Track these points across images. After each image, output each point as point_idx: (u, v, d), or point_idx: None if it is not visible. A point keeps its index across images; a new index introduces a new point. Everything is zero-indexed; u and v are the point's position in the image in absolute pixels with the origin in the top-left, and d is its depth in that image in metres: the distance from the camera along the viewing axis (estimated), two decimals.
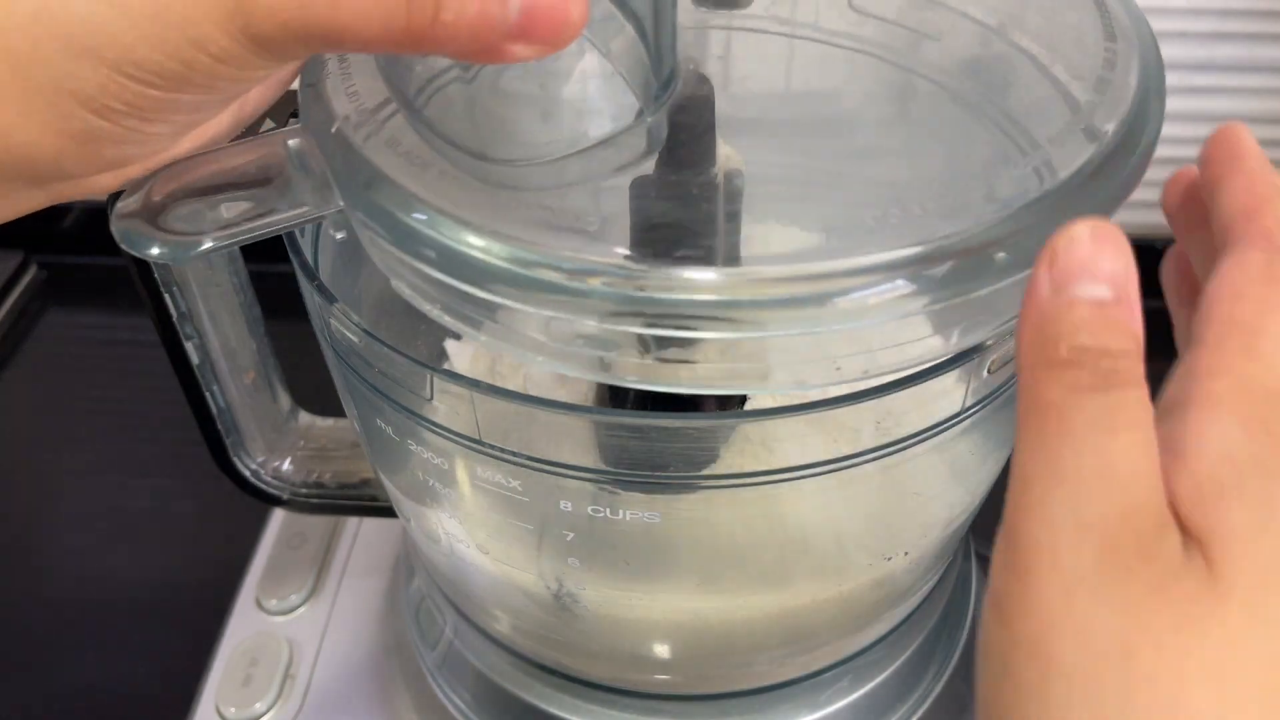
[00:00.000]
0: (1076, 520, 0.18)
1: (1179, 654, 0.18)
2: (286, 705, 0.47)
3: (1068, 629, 0.18)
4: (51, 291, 0.71)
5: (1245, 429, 0.19)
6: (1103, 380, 0.19)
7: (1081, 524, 0.18)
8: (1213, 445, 0.19)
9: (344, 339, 0.30)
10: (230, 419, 0.41)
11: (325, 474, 0.45)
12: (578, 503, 0.31)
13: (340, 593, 0.51)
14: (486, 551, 0.35)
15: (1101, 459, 0.19)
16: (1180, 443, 0.19)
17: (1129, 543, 0.18)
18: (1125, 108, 0.29)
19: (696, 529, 0.32)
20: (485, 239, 0.25)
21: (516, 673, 0.42)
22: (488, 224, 0.25)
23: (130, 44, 0.21)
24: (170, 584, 0.55)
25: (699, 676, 0.40)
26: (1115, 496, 0.18)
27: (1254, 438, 0.19)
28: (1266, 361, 0.20)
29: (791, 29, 0.34)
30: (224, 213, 0.27)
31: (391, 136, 0.28)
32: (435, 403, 0.29)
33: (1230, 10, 0.58)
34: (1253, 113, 0.61)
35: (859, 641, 0.40)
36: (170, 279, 0.37)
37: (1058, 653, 0.18)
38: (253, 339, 0.41)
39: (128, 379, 0.66)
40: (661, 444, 0.29)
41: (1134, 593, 0.18)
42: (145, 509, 0.58)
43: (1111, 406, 0.19)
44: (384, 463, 0.37)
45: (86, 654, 0.52)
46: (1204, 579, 0.18)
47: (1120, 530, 0.18)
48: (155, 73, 0.22)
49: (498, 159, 0.28)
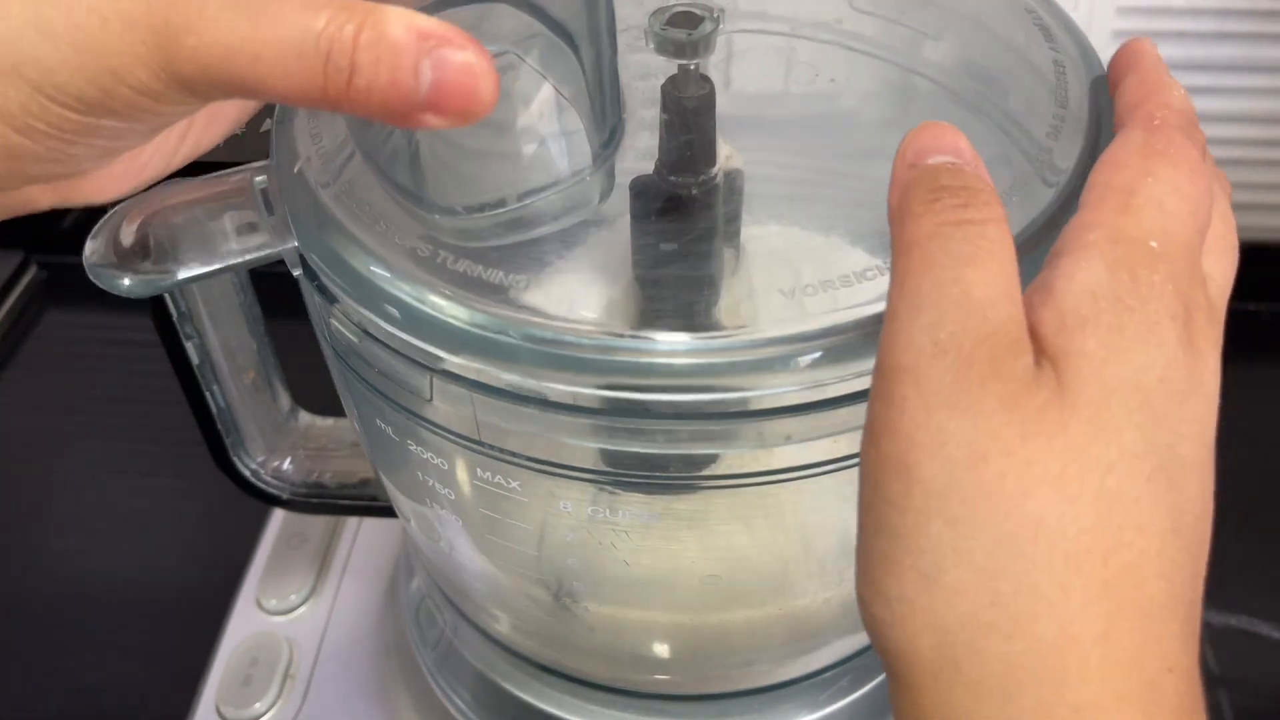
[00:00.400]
0: (935, 343, 0.20)
1: (1026, 460, 0.19)
2: (286, 705, 0.47)
3: (926, 442, 0.20)
4: (51, 291, 0.71)
5: (1111, 271, 0.21)
6: (963, 212, 0.21)
7: (939, 346, 0.20)
8: (1079, 281, 0.21)
9: (344, 339, 0.30)
10: (230, 419, 0.41)
11: (325, 474, 0.45)
12: (578, 503, 0.31)
13: (340, 593, 0.51)
14: (486, 551, 0.35)
15: (959, 287, 0.20)
16: (1051, 283, 0.21)
17: (984, 361, 0.20)
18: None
19: (696, 529, 0.32)
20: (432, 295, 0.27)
21: (516, 672, 0.42)
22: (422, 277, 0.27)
23: (52, 67, 0.22)
24: (170, 584, 0.55)
25: (699, 676, 0.40)
26: (972, 320, 0.20)
27: (1117, 278, 0.21)
28: (1138, 216, 0.21)
29: (791, 29, 0.34)
30: (192, 248, 0.29)
31: (349, 181, 0.30)
32: (435, 403, 0.29)
33: (1230, 10, 0.58)
34: (1253, 113, 0.61)
35: (859, 641, 0.40)
36: None
37: (916, 464, 0.20)
38: (253, 339, 0.41)
39: (128, 379, 0.66)
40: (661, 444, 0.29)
41: (987, 406, 0.19)
42: (145, 509, 0.58)
43: (971, 238, 0.21)
44: (384, 463, 0.37)
45: (86, 654, 0.52)
46: (1053, 395, 0.20)
47: (976, 350, 0.20)
48: (75, 97, 0.22)
49: (444, 208, 0.28)
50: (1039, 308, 0.21)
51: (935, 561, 0.20)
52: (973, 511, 0.19)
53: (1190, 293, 0.21)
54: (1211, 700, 0.49)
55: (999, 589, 0.19)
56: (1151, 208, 0.22)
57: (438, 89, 0.22)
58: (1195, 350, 0.21)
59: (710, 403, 0.26)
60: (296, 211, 0.30)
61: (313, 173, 0.30)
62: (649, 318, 0.27)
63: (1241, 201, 0.69)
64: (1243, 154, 0.63)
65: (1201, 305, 0.21)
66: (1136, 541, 0.19)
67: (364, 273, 0.28)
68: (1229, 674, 0.49)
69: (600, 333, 0.26)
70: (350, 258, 0.28)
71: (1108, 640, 0.19)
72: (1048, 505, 0.19)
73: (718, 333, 0.26)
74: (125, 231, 0.30)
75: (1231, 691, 0.49)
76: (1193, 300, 0.21)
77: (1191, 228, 0.22)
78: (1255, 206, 0.65)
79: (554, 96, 0.27)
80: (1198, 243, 0.22)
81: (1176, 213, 0.22)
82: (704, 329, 0.26)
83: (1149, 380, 0.20)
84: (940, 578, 0.20)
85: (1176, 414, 0.20)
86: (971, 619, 0.19)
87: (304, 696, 0.47)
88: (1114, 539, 0.19)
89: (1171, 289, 0.21)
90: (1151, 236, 0.21)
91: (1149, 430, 0.20)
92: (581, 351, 0.26)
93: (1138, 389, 0.20)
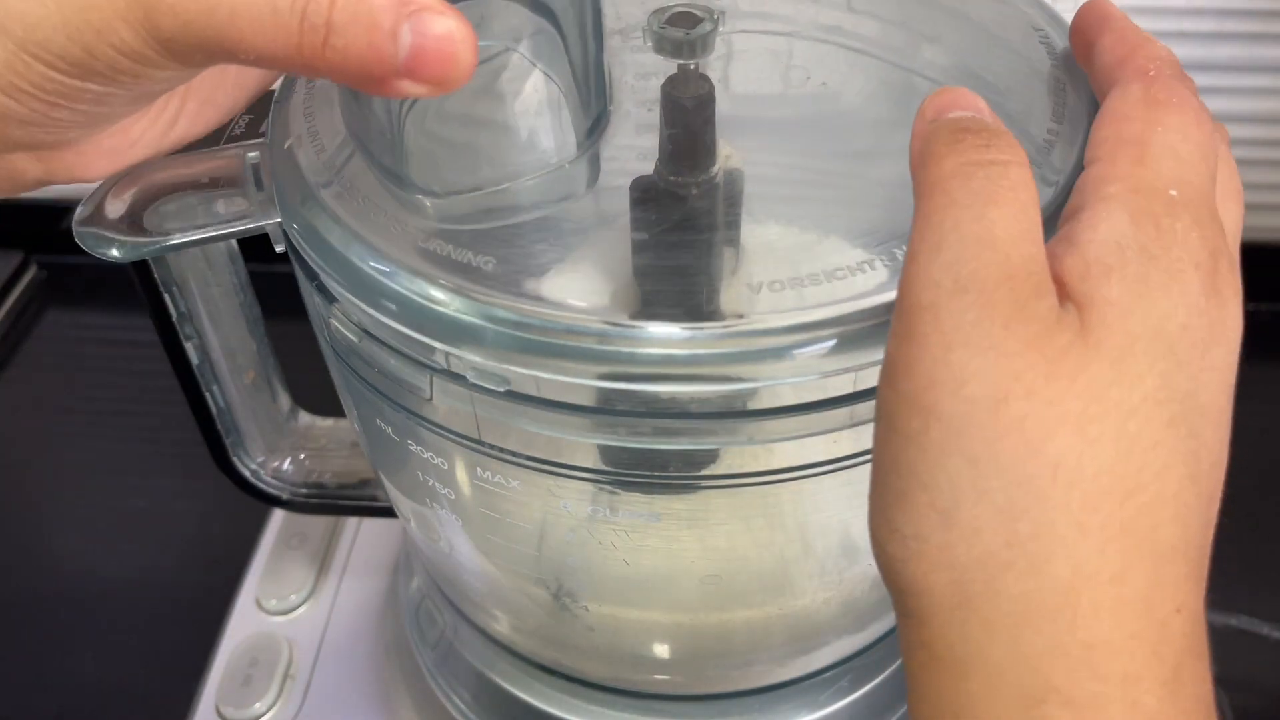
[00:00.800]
0: (956, 280, 0.20)
1: (1047, 400, 0.19)
2: (286, 705, 0.47)
3: (946, 380, 0.19)
4: (51, 291, 0.71)
5: (1134, 221, 0.21)
6: (986, 152, 0.21)
7: (960, 285, 0.20)
8: (1103, 232, 0.21)
9: (344, 339, 0.30)
10: (230, 419, 0.41)
11: (325, 474, 0.45)
12: (578, 502, 0.31)
13: (340, 593, 0.51)
14: (486, 551, 0.35)
15: (981, 225, 0.20)
16: (1074, 234, 0.21)
17: (1005, 301, 0.19)
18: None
19: (696, 529, 0.32)
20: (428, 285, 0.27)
21: (516, 672, 0.42)
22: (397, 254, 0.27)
23: (35, 23, 0.22)
24: (170, 584, 0.55)
25: (698, 676, 0.40)
26: (994, 259, 0.20)
27: (1141, 229, 0.21)
28: (1155, 167, 0.22)
29: (791, 29, 0.34)
30: (178, 217, 0.29)
31: (348, 176, 0.30)
32: (435, 403, 0.29)
33: (1230, 10, 0.58)
34: (1253, 113, 0.61)
35: (859, 641, 0.40)
36: (170, 279, 0.37)
37: (935, 402, 0.19)
38: (253, 339, 0.41)
39: (128, 379, 0.66)
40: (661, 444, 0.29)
41: (1010, 346, 0.19)
42: (145, 509, 0.58)
43: (994, 178, 0.20)
44: (384, 463, 0.37)
45: (86, 654, 0.52)
46: (1077, 337, 0.20)
47: (997, 290, 0.20)
48: (59, 55, 0.22)
49: (423, 188, 0.28)
50: (1063, 256, 0.21)
51: (954, 499, 0.19)
52: (993, 451, 0.19)
53: (1214, 239, 0.21)
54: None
55: (1017, 529, 0.19)
56: (1168, 157, 0.22)
57: (416, 55, 0.21)
58: (1219, 297, 0.21)
59: (709, 393, 0.26)
60: (284, 192, 0.30)
61: (300, 149, 0.30)
62: (648, 311, 0.26)
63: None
64: (1243, 154, 0.63)
65: (1224, 251, 0.21)
66: (1153, 485, 0.19)
67: (358, 265, 0.28)
68: (1229, 674, 0.49)
69: (598, 322, 0.26)
70: (343, 248, 0.28)
71: (1122, 581, 0.19)
72: (1068, 446, 0.19)
73: (716, 322, 0.26)
74: (115, 198, 0.30)
75: (1231, 691, 0.49)
76: (1217, 246, 0.21)
77: (1205, 173, 0.22)
78: (1255, 206, 0.64)
79: (539, 86, 0.27)
80: (1212, 188, 0.22)
81: (1190, 160, 0.22)
82: (702, 320, 0.26)
83: (1172, 327, 0.20)
84: (958, 515, 0.19)
85: (1199, 361, 0.20)
86: (990, 557, 0.19)
87: (304, 696, 0.47)
88: (1132, 481, 0.19)
89: (1195, 236, 0.21)
90: (1171, 185, 0.21)
91: (1171, 377, 0.20)
92: (579, 340, 0.25)
93: (1161, 336, 0.20)
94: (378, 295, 0.27)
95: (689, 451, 0.29)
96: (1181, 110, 0.23)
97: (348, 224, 0.28)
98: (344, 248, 0.28)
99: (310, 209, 0.29)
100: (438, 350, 0.27)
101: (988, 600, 0.19)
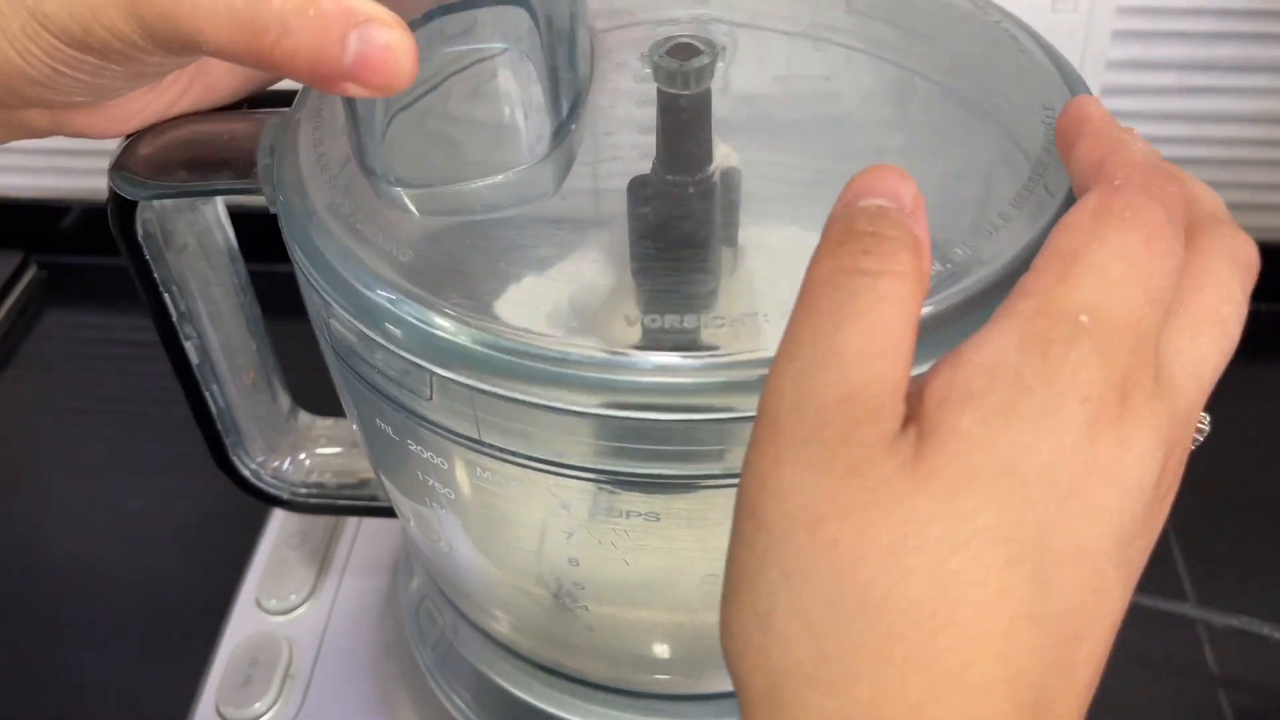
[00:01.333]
0: (798, 395, 0.20)
1: (860, 528, 0.19)
2: (286, 705, 0.47)
3: (774, 491, 0.20)
4: (51, 291, 0.71)
5: (1022, 346, 0.20)
6: (862, 260, 0.20)
7: (799, 400, 0.20)
8: (985, 354, 0.20)
9: (344, 339, 0.30)
10: (230, 419, 0.41)
11: (325, 474, 0.45)
12: (578, 502, 0.31)
13: (340, 593, 0.51)
14: (486, 551, 0.35)
15: (832, 340, 0.20)
16: (962, 351, 0.20)
17: (840, 422, 0.19)
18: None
19: (696, 529, 0.32)
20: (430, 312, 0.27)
21: (516, 672, 0.42)
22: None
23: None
24: (170, 584, 0.55)
25: (699, 676, 0.40)
26: (835, 378, 0.20)
27: (1027, 355, 0.19)
28: (1074, 285, 0.20)
29: (790, 30, 0.34)
30: (191, 170, 0.32)
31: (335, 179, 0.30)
32: (435, 402, 0.29)
33: (1230, 10, 0.58)
34: (1253, 113, 0.61)
35: None
36: (170, 278, 0.37)
37: (763, 511, 0.20)
38: (253, 339, 0.41)
39: (128, 379, 0.66)
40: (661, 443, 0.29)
41: (833, 469, 0.19)
42: (145, 509, 0.58)
43: (859, 290, 0.20)
44: (384, 462, 0.37)
45: (86, 654, 0.52)
46: (903, 467, 0.19)
47: (833, 410, 0.19)
48: (61, 29, 0.25)
49: (386, 177, 0.29)
50: (938, 374, 0.20)
51: (770, 606, 0.20)
52: (806, 569, 0.19)
53: (1126, 372, 0.20)
54: (1211, 700, 0.49)
55: (824, 648, 0.19)
56: (1092, 276, 0.20)
57: (360, 61, 0.24)
58: (1117, 435, 0.20)
59: (710, 421, 0.26)
60: (290, 210, 0.30)
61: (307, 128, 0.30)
62: (650, 339, 0.27)
63: (1241, 201, 0.69)
64: (1243, 154, 0.63)
65: (1142, 385, 0.20)
66: (974, 622, 0.19)
67: (363, 292, 0.28)
68: (1229, 674, 0.49)
69: (600, 351, 0.26)
70: (348, 275, 0.29)
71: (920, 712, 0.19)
72: (878, 575, 0.19)
73: (717, 352, 0.26)
74: (147, 146, 0.33)
75: (1231, 691, 0.49)
76: (1129, 380, 0.20)
77: (1139, 298, 0.20)
78: (1255, 206, 0.65)
79: (516, 89, 0.28)
80: (1147, 314, 0.20)
81: (1120, 282, 0.20)
82: (702, 343, 0.26)
83: (1029, 464, 0.19)
84: (773, 623, 0.20)
85: (1063, 502, 0.19)
86: (798, 669, 0.19)
87: (304, 696, 0.47)
88: (946, 617, 0.19)
89: (1091, 368, 0.19)
90: (1084, 309, 0.20)
91: (1016, 515, 0.19)
92: (580, 369, 0.26)
93: (1012, 472, 0.19)
94: (380, 321, 0.28)
95: (689, 450, 0.29)
96: (1129, 226, 0.21)
97: (350, 248, 0.29)
98: (349, 274, 0.28)
99: (316, 232, 0.29)
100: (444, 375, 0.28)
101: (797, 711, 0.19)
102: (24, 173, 0.70)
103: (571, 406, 0.26)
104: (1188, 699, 0.49)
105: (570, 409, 0.27)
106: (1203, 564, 0.53)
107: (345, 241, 0.29)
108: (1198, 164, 0.62)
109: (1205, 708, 0.48)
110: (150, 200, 0.34)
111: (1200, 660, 0.50)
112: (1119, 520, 0.20)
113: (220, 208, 0.38)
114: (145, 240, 0.35)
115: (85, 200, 0.70)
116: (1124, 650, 0.23)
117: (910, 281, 0.20)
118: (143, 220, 0.35)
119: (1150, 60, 0.60)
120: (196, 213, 0.37)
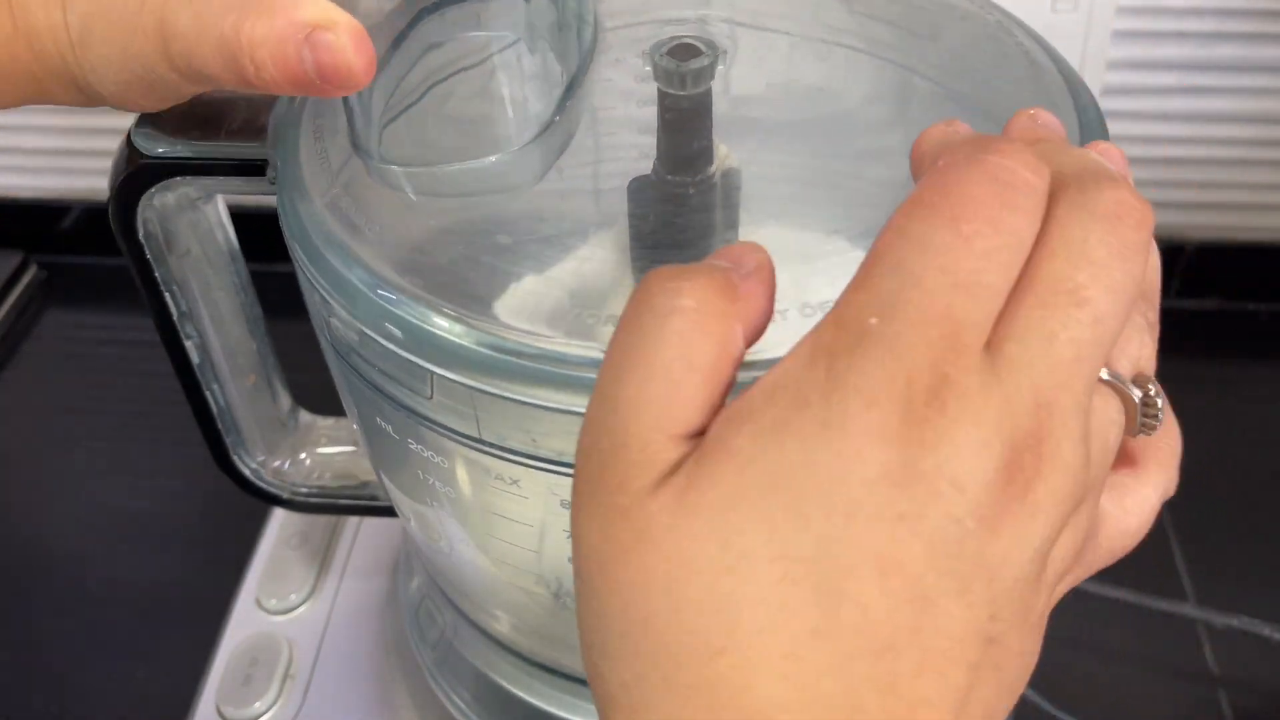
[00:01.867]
0: (590, 441, 0.20)
1: (639, 565, 0.19)
2: (286, 705, 0.47)
3: (576, 537, 0.21)
4: (51, 291, 0.71)
5: (810, 360, 0.19)
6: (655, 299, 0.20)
7: (586, 449, 0.20)
8: (775, 373, 0.19)
9: (344, 338, 0.30)
10: (230, 419, 0.41)
11: (325, 474, 0.45)
12: None
13: (340, 592, 0.51)
14: (486, 551, 0.35)
15: (615, 388, 0.20)
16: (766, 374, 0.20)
17: (613, 470, 0.20)
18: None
19: None
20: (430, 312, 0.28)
21: (516, 672, 0.42)
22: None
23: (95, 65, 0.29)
24: (170, 584, 0.55)
25: None
26: (614, 425, 0.20)
27: (812, 369, 0.19)
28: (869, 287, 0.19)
29: (790, 30, 0.34)
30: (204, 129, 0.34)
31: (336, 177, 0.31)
32: (435, 401, 0.29)
33: (1230, 10, 0.58)
34: (1253, 113, 0.61)
35: None
36: (171, 279, 0.37)
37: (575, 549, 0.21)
38: (253, 339, 0.41)
39: (128, 379, 0.66)
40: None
41: (609, 516, 0.20)
42: (145, 509, 0.58)
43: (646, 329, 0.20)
44: (384, 462, 0.37)
45: (87, 654, 0.52)
46: (671, 501, 0.19)
47: (609, 459, 0.20)
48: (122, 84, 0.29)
49: (370, 152, 0.29)
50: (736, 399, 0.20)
51: (585, 636, 0.21)
52: (601, 605, 0.20)
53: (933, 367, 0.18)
54: (1211, 700, 0.49)
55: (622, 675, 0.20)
56: (888, 275, 0.19)
57: (319, 69, 0.26)
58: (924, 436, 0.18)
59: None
60: (291, 210, 0.30)
61: (309, 170, 0.30)
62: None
63: (1242, 201, 0.69)
64: (1243, 154, 0.63)
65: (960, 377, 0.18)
66: (752, 643, 0.18)
67: (365, 293, 0.28)
68: (1229, 674, 0.49)
69: (599, 351, 0.26)
70: (350, 275, 0.29)
71: None
72: (658, 607, 0.19)
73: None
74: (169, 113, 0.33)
75: (1231, 691, 0.49)
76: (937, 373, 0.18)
77: (943, 285, 0.18)
78: (1255, 206, 0.65)
79: (503, 74, 0.29)
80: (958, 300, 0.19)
81: (916, 271, 0.19)
82: None
83: (805, 479, 0.18)
84: (589, 652, 0.21)
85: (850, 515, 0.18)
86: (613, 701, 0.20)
87: (304, 696, 0.47)
88: (722, 640, 0.19)
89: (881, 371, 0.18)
90: (875, 311, 0.19)
91: (791, 531, 0.18)
92: (580, 370, 0.26)
93: (786, 488, 0.18)
94: (380, 320, 0.28)
95: None
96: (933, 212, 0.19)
97: (351, 248, 0.29)
98: (349, 273, 0.28)
99: (316, 232, 0.29)
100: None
101: None
102: (24, 173, 0.70)
103: (571, 407, 0.26)
104: (1188, 699, 0.49)
105: (570, 409, 0.27)
106: (1203, 564, 0.53)
107: (346, 241, 0.29)
108: (1198, 164, 0.62)
109: (1205, 708, 0.48)
110: (159, 161, 0.34)
111: (1200, 660, 0.50)
112: (935, 523, 0.18)
113: (221, 207, 0.38)
114: (146, 240, 0.35)
115: (85, 200, 0.70)
116: (1124, 650, 0.23)
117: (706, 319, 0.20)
118: (144, 220, 0.35)
119: (1150, 60, 0.60)
120: (197, 212, 0.37)
